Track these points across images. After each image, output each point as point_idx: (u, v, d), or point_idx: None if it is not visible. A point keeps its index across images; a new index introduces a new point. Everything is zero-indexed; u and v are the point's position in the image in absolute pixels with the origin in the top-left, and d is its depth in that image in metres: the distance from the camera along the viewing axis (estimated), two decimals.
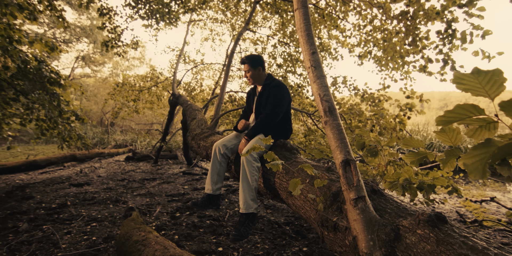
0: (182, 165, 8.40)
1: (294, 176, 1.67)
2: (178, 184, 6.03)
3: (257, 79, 2.46)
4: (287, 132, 2.38)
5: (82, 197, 5.09)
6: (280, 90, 2.29)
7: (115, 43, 4.56)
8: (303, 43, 1.40)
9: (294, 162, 1.79)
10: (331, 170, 1.59)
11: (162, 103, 9.58)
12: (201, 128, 3.51)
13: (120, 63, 20.62)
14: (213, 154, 2.34)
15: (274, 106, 2.24)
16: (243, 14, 7.50)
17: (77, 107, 5.21)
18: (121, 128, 15.32)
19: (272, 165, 1.29)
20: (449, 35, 3.07)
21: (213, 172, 2.32)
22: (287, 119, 2.41)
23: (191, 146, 3.30)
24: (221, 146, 2.32)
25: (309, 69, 1.36)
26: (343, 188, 1.20)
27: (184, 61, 8.81)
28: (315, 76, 1.33)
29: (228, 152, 2.35)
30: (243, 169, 1.96)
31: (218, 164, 2.31)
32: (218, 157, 2.32)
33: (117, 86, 7.67)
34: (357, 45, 5.41)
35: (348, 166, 1.22)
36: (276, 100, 2.26)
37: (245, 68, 2.44)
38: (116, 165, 8.38)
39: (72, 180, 6.52)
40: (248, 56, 2.44)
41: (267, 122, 2.23)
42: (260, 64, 2.45)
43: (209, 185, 2.35)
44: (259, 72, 2.45)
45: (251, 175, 1.93)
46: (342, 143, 1.25)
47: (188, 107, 4.81)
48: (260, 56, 2.48)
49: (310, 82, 1.37)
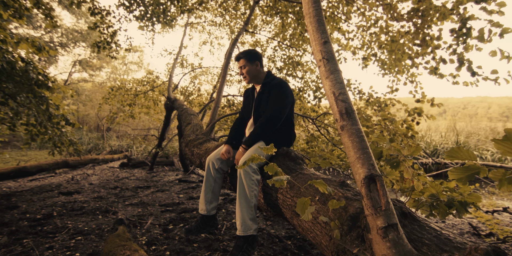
0: (178, 172, 8.10)
1: (301, 192, 1.40)
2: (173, 193, 5.73)
3: (254, 76, 2.16)
4: (290, 138, 2.10)
5: (70, 207, 4.78)
6: (282, 89, 2.00)
7: (107, 44, 4.33)
8: (313, 31, 1.15)
9: (300, 175, 1.53)
10: (346, 185, 1.32)
11: (158, 108, 9.32)
12: (196, 134, 3.25)
13: (118, 67, 20.45)
14: (206, 169, 2.06)
15: (276, 108, 1.96)
16: (242, 17, 7.32)
17: (66, 111, 4.94)
18: (117, 133, 15.03)
19: (275, 181, 1.02)
20: (463, 34, 2.84)
21: (207, 190, 2.04)
22: (289, 123, 2.12)
23: (185, 153, 3.04)
24: (215, 160, 2.04)
25: (320, 62, 1.11)
26: (367, 213, 0.94)
27: (181, 65, 8.59)
28: (327, 71, 1.08)
29: (224, 166, 2.07)
30: (241, 183, 1.69)
31: (213, 181, 2.03)
32: (212, 173, 2.04)
33: (112, 90, 7.42)
34: (360, 47, 5.20)
35: (373, 183, 0.96)
36: (277, 101, 1.98)
37: (240, 63, 2.16)
38: (110, 172, 8.08)
39: (62, 188, 6.22)
40: (244, 51, 2.17)
41: (268, 127, 1.95)
42: (258, 58, 2.17)
43: (203, 205, 2.07)
44: (257, 67, 2.16)
45: (249, 190, 1.66)
46: (364, 153, 0.99)
47: (184, 111, 4.56)
48: (257, 51, 2.21)
49: (321, 78, 1.12)
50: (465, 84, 3.25)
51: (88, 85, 20.38)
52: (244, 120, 2.33)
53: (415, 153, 1.37)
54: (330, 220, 1.16)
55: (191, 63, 8.74)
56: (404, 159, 1.40)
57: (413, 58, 3.59)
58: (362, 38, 5.15)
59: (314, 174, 1.51)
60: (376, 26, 4.73)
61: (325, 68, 1.09)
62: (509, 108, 61.51)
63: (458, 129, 11.62)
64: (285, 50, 6.37)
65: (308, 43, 6.14)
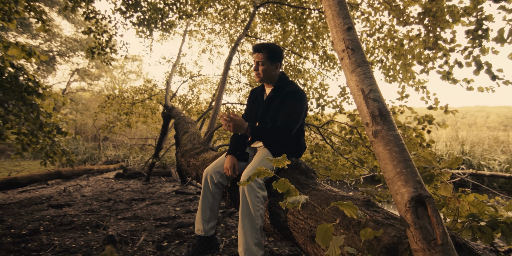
0: (175, 183, 7.80)
1: (316, 213, 1.16)
2: (169, 205, 5.43)
3: (269, 76, 1.88)
4: (300, 149, 1.86)
5: (58, 221, 4.48)
6: (299, 99, 1.76)
7: (101, 50, 4.15)
8: (333, 16, 0.95)
9: (314, 191, 1.29)
10: (372, 205, 1.08)
11: (156, 117, 9.11)
12: (193, 143, 3.02)
13: (117, 77, 20.37)
14: (204, 183, 1.79)
15: (290, 120, 1.70)
16: (242, 25, 7.21)
17: (59, 120, 4.71)
18: (114, 143, 14.75)
19: (290, 203, 0.78)
20: (479, 36, 2.66)
21: (205, 208, 1.77)
22: (300, 132, 1.87)
23: (181, 164, 2.79)
24: (213, 174, 1.77)
25: (344, 53, 0.90)
26: (416, 247, 0.70)
27: (180, 73, 8.43)
28: (353, 63, 0.87)
29: (224, 180, 1.79)
30: (244, 200, 1.44)
31: (211, 197, 1.76)
32: (211, 188, 1.77)
33: (108, 98, 7.22)
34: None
35: (422, 207, 0.72)
36: (292, 111, 1.73)
37: (258, 57, 1.83)
38: (104, 183, 7.78)
39: (52, 201, 5.91)
40: (266, 44, 1.86)
41: (280, 134, 1.68)
42: (279, 59, 1.89)
43: (200, 225, 1.79)
44: (276, 69, 1.89)
45: (254, 209, 1.41)
46: (406, 167, 0.76)
47: (181, 119, 4.34)
48: (281, 49, 1.92)
49: (345, 72, 0.91)
50: (480, 90, 3.05)
51: (87, 94, 20.24)
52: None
53: (453, 165, 1.14)
54: (357, 251, 0.92)
55: (189, 71, 8.60)
56: (439, 172, 1.17)
57: (424, 63, 3.40)
58: (366, 44, 5.00)
59: (331, 190, 1.27)
60: (380, 31, 4.58)
61: (349, 60, 0.88)
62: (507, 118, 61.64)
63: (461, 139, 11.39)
64: (286, 57, 6.22)
65: (309, 51, 5.99)
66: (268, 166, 1.59)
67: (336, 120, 3.49)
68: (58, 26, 14.76)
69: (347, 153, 3.85)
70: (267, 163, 1.59)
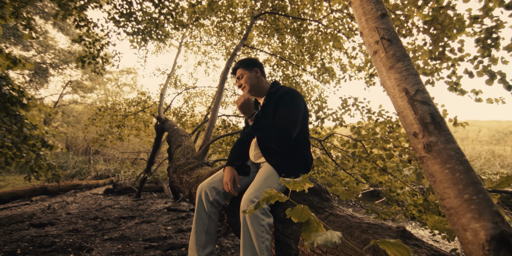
0: (167, 199, 7.44)
1: (337, 246, 0.93)
2: (160, 224, 5.08)
3: (255, 85, 1.75)
4: (308, 161, 1.62)
5: (38, 243, 4.11)
6: (293, 98, 1.58)
7: (92, 59, 3.97)
8: (362, 2, 0.77)
9: (332, 217, 1.07)
10: (409, 237, 0.86)
11: (149, 130, 8.84)
12: (186, 158, 2.78)
13: (111, 89, 20.16)
14: (198, 201, 1.54)
15: (286, 123, 1.50)
16: (239, 37, 7.16)
17: (43, 132, 4.44)
18: (105, 156, 14.30)
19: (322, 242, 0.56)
20: (488, 45, 2.55)
21: (199, 231, 1.50)
22: (305, 142, 1.65)
23: (172, 180, 2.54)
24: (209, 190, 1.53)
25: (377, 46, 0.72)
26: None
27: (174, 85, 8.27)
28: (391, 57, 0.69)
29: (221, 198, 1.55)
30: (245, 229, 1.21)
31: (206, 218, 1.50)
32: (206, 207, 1.51)
33: (100, 110, 6.97)
34: (363, 66, 4.94)
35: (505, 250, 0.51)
36: (287, 113, 1.53)
37: (237, 73, 1.77)
38: (92, 200, 7.38)
39: (35, 219, 5.51)
40: (240, 60, 1.82)
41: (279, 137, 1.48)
42: (257, 65, 1.79)
43: (194, 252, 1.52)
44: (257, 74, 1.76)
45: (259, 241, 1.17)
46: (478, 193, 0.56)
47: (174, 132, 4.11)
48: (255, 58, 1.84)
49: (379, 69, 0.73)
50: (489, 101, 2.92)
51: (80, 107, 19.93)
52: (247, 141, 1.86)
53: (503, 185, 0.93)
54: None
55: (184, 83, 8.45)
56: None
57: (429, 74, 3.27)
58: (366, 56, 4.92)
59: (353, 216, 1.05)
60: None
61: (386, 53, 0.70)
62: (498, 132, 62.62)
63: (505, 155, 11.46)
64: (283, 69, 6.12)
65: (307, 63, 5.91)
66: (274, 186, 1.37)
67: (338, 133, 3.30)
68: (53, 38, 14.67)
69: (350, 168, 3.64)
70: (273, 182, 1.37)
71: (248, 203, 1.23)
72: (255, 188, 1.33)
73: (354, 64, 5.19)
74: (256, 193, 1.28)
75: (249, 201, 1.24)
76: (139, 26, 4.33)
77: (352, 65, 5.16)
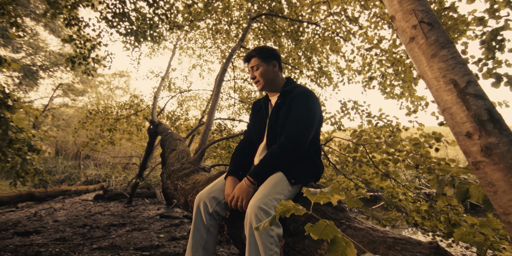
0: (160, 205, 7.22)
1: None
2: (152, 232, 4.88)
3: (270, 80, 1.58)
4: (319, 169, 1.50)
5: (22, 252, 3.89)
6: (310, 101, 1.44)
7: (83, 60, 3.81)
8: None
9: (349, 230, 0.95)
10: (444, 254, 0.75)
11: (142, 134, 8.64)
12: (181, 163, 2.64)
13: (103, 93, 19.83)
14: (196, 213, 1.39)
15: (300, 126, 1.37)
16: (235, 40, 7.08)
17: (30, 136, 4.24)
18: (96, 161, 13.96)
19: None
20: (493, 47, 2.49)
21: (196, 245, 1.34)
22: (316, 149, 1.53)
23: (166, 187, 2.39)
24: (208, 200, 1.38)
25: (415, 31, 0.61)
26: None
27: (168, 88, 8.12)
28: (433, 43, 0.59)
29: (221, 209, 1.40)
30: (252, 241, 1.08)
31: (205, 231, 1.35)
32: (204, 219, 1.36)
33: (90, 113, 6.76)
34: (360, 70, 4.89)
35: None
36: (303, 115, 1.40)
37: (251, 63, 1.58)
38: (82, 206, 7.11)
39: (19, 227, 5.25)
40: (256, 47, 1.62)
41: (288, 152, 1.35)
42: (275, 57, 1.61)
43: None
44: (274, 69, 1.59)
45: (267, 254, 1.03)
46: None
47: (168, 136, 3.96)
48: (274, 49, 1.65)
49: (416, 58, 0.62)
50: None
51: (71, 110, 19.52)
52: (252, 143, 1.69)
53: None
54: None
55: (179, 86, 8.30)
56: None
57: None
58: (363, 60, 4.87)
59: (374, 229, 0.94)
60: (379, 46, 4.46)
61: (426, 39, 0.59)
62: None
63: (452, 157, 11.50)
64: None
65: (304, 66, 5.84)
66: (284, 193, 1.25)
67: (339, 137, 3.20)
68: (44, 40, 14.39)
69: (351, 173, 3.54)
70: (283, 189, 1.24)
71: (256, 211, 1.10)
72: (263, 194, 1.20)
73: (352, 67, 5.14)
74: (265, 199, 1.15)
75: (257, 208, 1.11)
76: (132, 27, 4.20)
77: (350, 68, 5.11)
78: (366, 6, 3.39)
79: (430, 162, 2.44)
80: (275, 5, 4.27)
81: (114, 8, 3.77)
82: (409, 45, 0.66)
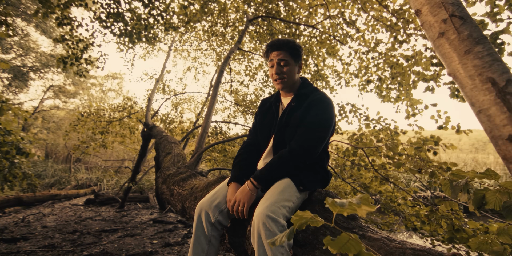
0: (153, 209, 7.07)
1: None
2: (145, 237, 4.75)
3: (293, 81, 1.48)
4: (327, 176, 1.44)
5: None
6: (329, 107, 1.38)
7: (75, 60, 3.70)
8: None
9: (364, 240, 0.89)
10: None
11: (135, 137, 8.49)
12: (177, 167, 2.55)
13: (95, 95, 19.53)
14: (196, 222, 1.30)
15: (314, 138, 1.32)
16: (230, 42, 7.04)
17: (19, 138, 4.09)
18: (88, 165, 13.67)
19: None
20: None
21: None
22: (325, 155, 1.48)
23: (161, 192, 2.30)
24: (210, 209, 1.29)
25: (446, 26, 0.56)
26: None
27: (163, 90, 8.01)
28: (466, 39, 0.54)
29: (224, 218, 1.31)
30: (261, 252, 1.00)
31: (206, 243, 1.26)
32: (206, 229, 1.28)
33: (82, 116, 6.60)
34: (357, 73, 4.88)
35: None
36: (320, 123, 1.34)
37: (280, 55, 1.43)
38: (72, 211, 6.92)
39: (6, 233, 5.07)
40: (286, 40, 1.47)
41: (299, 158, 1.29)
42: (301, 58, 1.52)
43: None
44: (299, 70, 1.51)
45: None
46: None
47: (163, 139, 3.86)
48: (302, 47, 1.54)
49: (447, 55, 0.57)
50: None
51: (62, 113, 19.16)
52: (257, 146, 1.59)
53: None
54: None
55: (173, 89, 8.20)
56: None
57: (429, 80, 3.20)
58: (360, 63, 4.86)
59: (390, 239, 0.88)
60: (376, 50, 4.46)
61: (458, 35, 0.54)
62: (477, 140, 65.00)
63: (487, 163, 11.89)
64: None
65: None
66: (293, 200, 1.18)
67: (337, 140, 3.16)
68: (35, 41, 14.12)
69: (349, 176, 3.50)
70: (291, 196, 1.18)
71: (264, 219, 1.03)
72: (270, 201, 1.12)
73: (348, 70, 5.13)
74: (273, 207, 1.08)
75: (265, 217, 1.04)
76: (127, 28, 4.12)
77: (347, 71, 5.10)
78: (365, 9, 3.38)
79: (430, 166, 2.41)
80: (272, 8, 4.25)
81: (108, 8, 3.68)
82: (438, 41, 0.61)
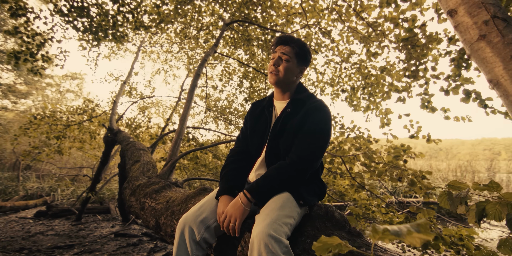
0: (115, 222, 6.53)
1: None
2: (105, 254, 4.33)
3: (288, 80, 1.38)
4: (324, 188, 1.37)
5: None
6: (327, 116, 1.31)
7: (30, 56, 3.29)
8: None
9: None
10: None
11: (96, 142, 7.86)
12: (148, 176, 2.33)
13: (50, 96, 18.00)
14: (178, 241, 1.14)
15: (316, 145, 1.24)
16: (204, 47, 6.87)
17: None
18: (39, 172, 12.42)
19: None
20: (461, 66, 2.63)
21: None
22: (320, 167, 1.41)
23: (130, 205, 2.07)
24: (195, 225, 1.14)
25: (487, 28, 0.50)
26: None
27: (129, 93, 7.55)
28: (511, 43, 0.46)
29: (211, 235, 1.17)
30: None
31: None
32: (190, 248, 1.12)
33: (35, 118, 5.96)
34: (330, 82, 4.97)
35: None
36: (320, 133, 1.27)
37: (284, 50, 1.35)
38: (19, 225, 6.16)
39: None
40: (296, 38, 1.39)
41: (301, 172, 1.20)
42: (306, 63, 1.44)
43: None
44: (299, 74, 1.42)
45: None
46: None
47: (130, 145, 3.56)
48: (310, 52, 1.46)
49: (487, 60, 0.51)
50: (455, 119, 3.03)
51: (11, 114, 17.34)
52: (247, 154, 1.46)
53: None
54: None
55: (141, 92, 7.77)
56: None
57: (401, 91, 3.31)
58: (332, 72, 4.97)
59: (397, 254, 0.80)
60: (349, 61, 4.58)
61: (503, 38, 0.47)
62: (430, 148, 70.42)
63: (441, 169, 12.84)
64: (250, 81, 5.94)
65: None
66: (293, 215, 1.08)
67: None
68: None
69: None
70: (292, 211, 1.07)
71: (266, 239, 0.91)
72: (271, 218, 1.00)
73: (321, 80, 5.21)
74: (274, 225, 0.97)
75: (267, 237, 0.92)
76: (92, 24, 3.80)
77: (320, 80, 5.18)
78: (342, 19, 3.45)
79: (406, 175, 2.45)
80: (249, 12, 4.19)
81: (71, 1, 3.36)
82: (477, 44, 0.55)
